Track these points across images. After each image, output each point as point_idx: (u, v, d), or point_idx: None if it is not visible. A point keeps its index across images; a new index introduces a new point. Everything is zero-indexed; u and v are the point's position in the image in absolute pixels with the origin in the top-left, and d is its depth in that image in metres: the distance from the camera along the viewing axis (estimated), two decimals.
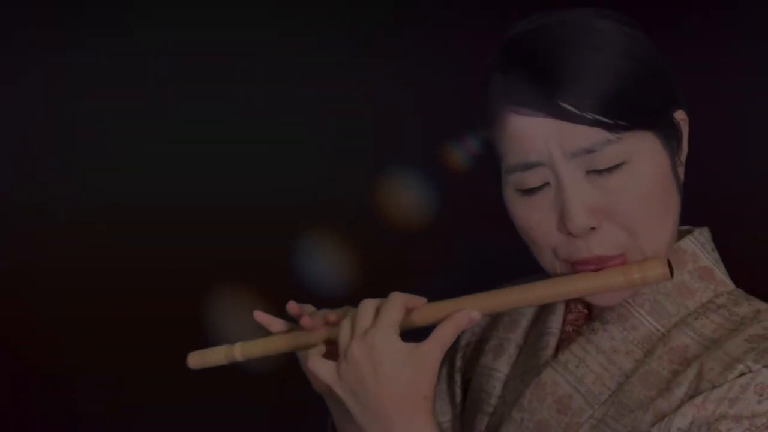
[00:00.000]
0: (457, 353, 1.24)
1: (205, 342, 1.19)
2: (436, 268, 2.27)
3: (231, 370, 2.27)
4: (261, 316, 1.12)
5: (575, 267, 1.01)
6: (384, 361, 0.96)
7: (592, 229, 0.99)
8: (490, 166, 1.06)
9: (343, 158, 2.46)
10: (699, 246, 1.07)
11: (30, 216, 2.49)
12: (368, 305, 1.01)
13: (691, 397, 0.96)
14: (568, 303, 1.12)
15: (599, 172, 0.98)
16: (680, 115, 1.04)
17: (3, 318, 2.48)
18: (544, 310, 1.15)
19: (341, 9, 2.46)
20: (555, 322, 1.11)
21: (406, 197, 2.41)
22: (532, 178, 1.00)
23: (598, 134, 0.97)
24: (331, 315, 1.08)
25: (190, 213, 2.46)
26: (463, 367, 1.23)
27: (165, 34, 2.47)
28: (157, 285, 2.39)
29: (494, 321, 1.22)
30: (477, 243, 2.32)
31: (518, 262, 1.10)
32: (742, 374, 0.94)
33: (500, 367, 1.15)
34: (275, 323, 1.12)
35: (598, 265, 1.00)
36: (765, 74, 2.21)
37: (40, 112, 2.51)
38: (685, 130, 1.04)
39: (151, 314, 2.37)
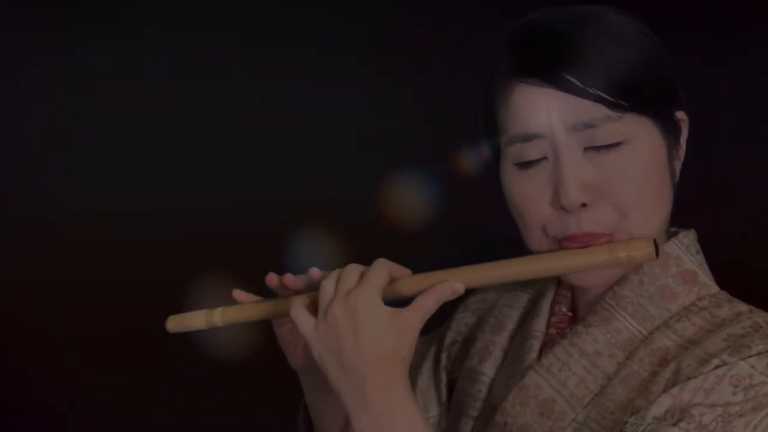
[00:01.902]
0: (443, 351, 1.24)
1: (205, 343, 1.19)
2: (435, 268, 2.27)
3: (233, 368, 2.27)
4: (240, 295, 1.13)
5: (563, 244, 1.02)
6: (365, 323, 0.96)
7: (584, 205, 1.00)
8: (489, 143, 1.08)
9: (343, 158, 2.46)
10: (683, 249, 1.07)
11: (29, 217, 2.49)
12: (353, 268, 1.01)
13: (668, 389, 0.96)
14: (553, 305, 1.13)
15: (597, 149, 1.00)
16: (681, 115, 1.06)
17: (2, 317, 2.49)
18: (529, 314, 1.16)
19: (342, 8, 2.46)
20: (539, 325, 1.12)
21: (406, 198, 2.41)
22: (531, 151, 1.02)
23: (599, 110, 0.99)
24: (314, 270, 1.09)
25: (190, 214, 2.47)
26: (448, 366, 1.23)
27: (165, 34, 2.48)
28: (155, 285, 2.39)
29: (480, 322, 1.22)
30: (477, 244, 2.32)
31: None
32: (717, 367, 0.95)
33: (486, 370, 1.16)
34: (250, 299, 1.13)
35: (585, 242, 1.01)
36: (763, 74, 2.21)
37: (40, 112, 2.51)
38: (684, 130, 1.07)
39: (149, 316, 2.37)
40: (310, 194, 2.44)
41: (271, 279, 1.11)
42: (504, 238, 1.11)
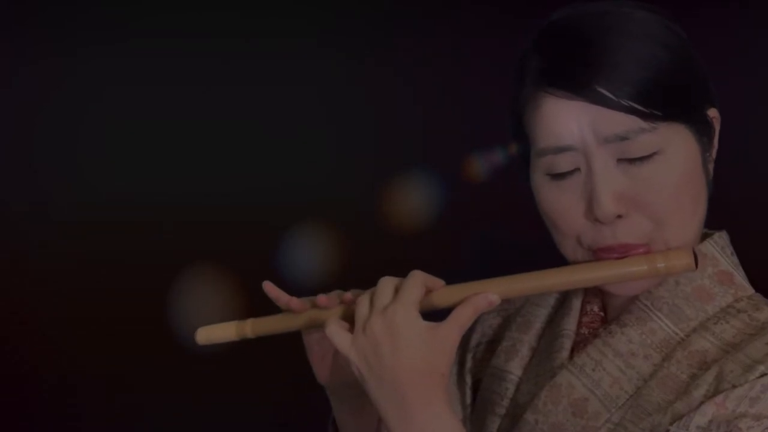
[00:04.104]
0: (468, 353, 1.23)
1: (206, 349, 1.18)
2: (439, 269, 2.26)
3: (233, 366, 2.26)
4: (270, 288, 1.10)
5: (598, 254, 1.01)
6: (403, 337, 0.95)
7: (619, 217, 0.99)
8: (518, 150, 1.07)
9: (345, 159, 2.46)
10: (718, 250, 1.06)
11: (30, 215, 2.49)
12: (388, 282, 1.00)
13: (710, 396, 0.95)
14: (584, 305, 1.12)
15: (631, 161, 0.98)
16: (713, 113, 1.05)
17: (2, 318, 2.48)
18: (558, 313, 1.14)
19: (347, 8, 2.46)
20: (570, 324, 1.11)
21: (409, 198, 2.40)
22: (563, 163, 1.00)
23: (632, 122, 0.97)
24: (347, 294, 1.07)
25: (191, 214, 2.46)
26: (473, 368, 1.22)
27: (165, 34, 2.47)
28: (154, 284, 2.39)
29: (506, 322, 1.21)
30: (481, 245, 2.31)
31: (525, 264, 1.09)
32: (763, 375, 0.94)
33: (513, 369, 1.15)
34: (282, 297, 1.10)
35: (622, 253, 1.00)
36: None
37: (40, 113, 2.51)
38: (717, 127, 1.05)
39: (148, 314, 2.37)
40: (311, 194, 2.44)
41: (293, 303, 1.08)
42: (504, 239, 1.10)
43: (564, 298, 1.15)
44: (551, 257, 1.07)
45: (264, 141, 2.47)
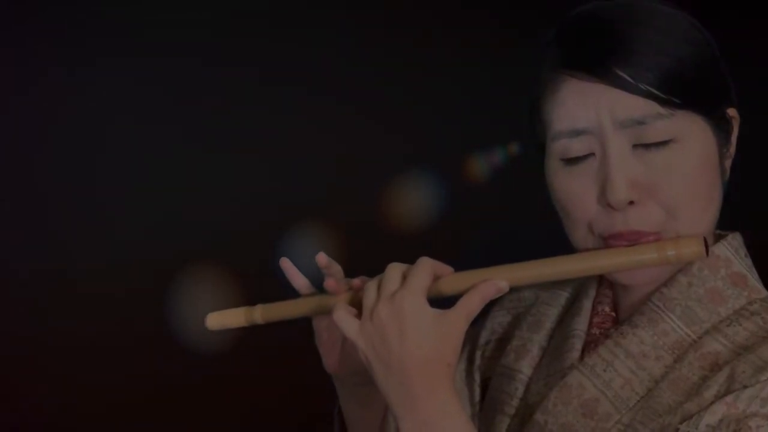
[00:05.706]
0: (477, 351, 1.23)
1: (212, 346, 1.18)
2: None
3: (234, 365, 2.25)
4: (286, 263, 1.11)
5: (609, 242, 1.01)
6: (411, 325, 0.95)
7: (632, 203, 0.99)
8: (533, 138, 1.07)
9: (345, 158, 2.46)
10: (732, 251, 1.05)
11: (30, 216, 2.49)
12: (395, 269, 1.00)
13: (721, 397, 0.95)
14: (594, 305, 1.11)
15: (647, 146, 0.98)
16: (732, 112, 1.05)
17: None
18: (568, 312, 1.14)
19: (350, 8, 2.46)
20: (581, 324, 1.10)
21: (410, 198, 2.41)
22: (578, 146, 1.00)
23: (650, 107, 0.98)
24: (354, 281, 1.07)
25: (192, 214, 2.46)
26: (482, 366, 1.22)
27: (166, 35, 2.48)
28: (153, 286, 2.39)
29: (516, 320, 1.20)
30: (482, 245, 2.31)
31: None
32: None
33: (522, 368, 1.14)
34: (298, 276, 1.11)
35: (632, 240, 0.99)
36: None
37: (41, 114, 2.51)
38: (735, 128, 1.05)
39: (147, 314, 2.37)
40: (311, 194, 2.44)
41: (321, 258, 1.09)
42: (507, 239, 1.09)
43: (575, 298, 1.15)
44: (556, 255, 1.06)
45: (264, 141, 2.47)
